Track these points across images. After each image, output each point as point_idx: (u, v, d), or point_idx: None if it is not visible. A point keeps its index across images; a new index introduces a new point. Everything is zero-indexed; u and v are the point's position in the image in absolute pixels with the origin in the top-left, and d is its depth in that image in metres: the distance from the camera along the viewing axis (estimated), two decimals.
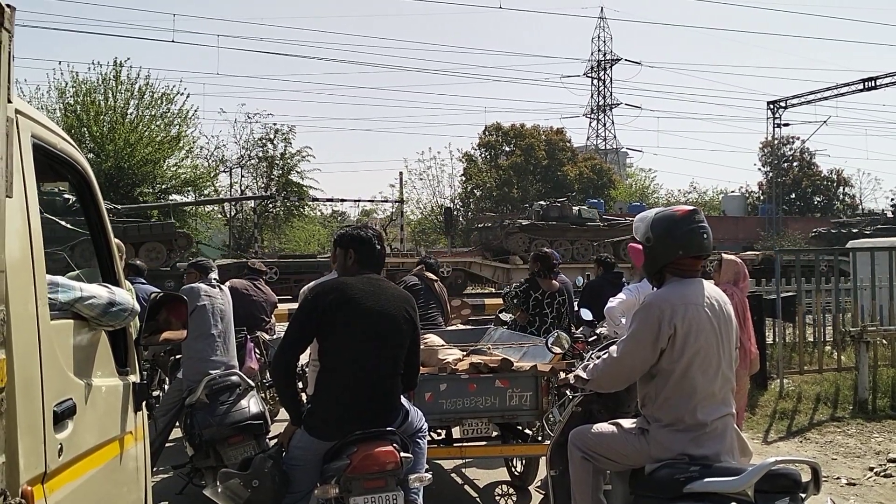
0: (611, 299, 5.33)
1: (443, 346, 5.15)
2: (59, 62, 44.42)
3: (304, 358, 3.56)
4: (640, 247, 3.08)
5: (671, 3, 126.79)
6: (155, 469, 5.03)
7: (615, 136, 66.54)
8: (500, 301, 11.61)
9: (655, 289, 3.10)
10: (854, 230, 26.92)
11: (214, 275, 5.48)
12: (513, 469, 5.51)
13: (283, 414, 5.63)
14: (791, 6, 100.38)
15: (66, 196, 12.11)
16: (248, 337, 6.48)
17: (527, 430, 5.13)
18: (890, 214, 29.20)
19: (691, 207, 3.09)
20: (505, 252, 25.77)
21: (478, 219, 31.70)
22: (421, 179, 47.65)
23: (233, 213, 37.12)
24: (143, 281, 6.28)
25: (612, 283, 6.96)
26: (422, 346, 3.87)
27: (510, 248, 25.47)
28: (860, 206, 51.01)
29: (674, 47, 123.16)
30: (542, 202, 28.23)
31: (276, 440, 3.47)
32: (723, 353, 2.93)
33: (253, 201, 35.24)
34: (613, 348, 3.10)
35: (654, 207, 3.18)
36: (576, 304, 6.89)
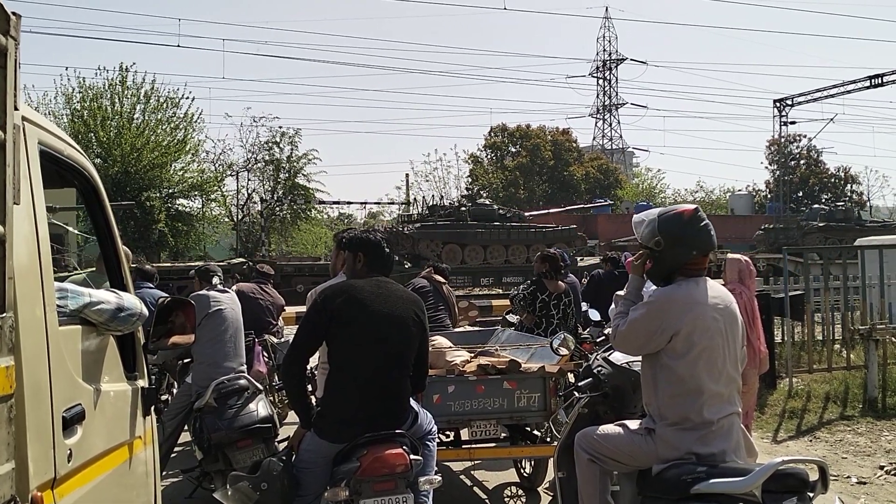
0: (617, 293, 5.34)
1: (450, 347, 5.14)
2: (66, 68, 44.80)
3: (313, 361, 3.57)
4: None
5: (676, 2, 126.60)
6: (164, 473, 5.04)
7: (621, 136, 66.64)
8: (507, 302, 11.60)
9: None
10: None
11: (217, 279, 5.48)
12: (521, 470, 5.50)
13: (292, 417, 5.64)
14: (796, 4, 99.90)
15: None
16: (256, 340, 6.49)
17: (535, 432, 5.12)
18: None
19: (693, 206, 3.10)
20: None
21: (765, 219, 32.88)
22: (427, 181, 47.71)
23: (240, 217, 37.21)
24: (151, 285, 6.29)
25: (615, 278, 7.11)
26: (429, 348, 3.87)
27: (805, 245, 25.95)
28: (868, 204, 50.76)
29: (679, 46, 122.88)
30: (823, 206, 29.76)
31: (285, 443, 3.47)
32: (728, 353, 2.93)
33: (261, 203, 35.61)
34: (620, 321, 3.08)
35: (655, 207, 3.16)
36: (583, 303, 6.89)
